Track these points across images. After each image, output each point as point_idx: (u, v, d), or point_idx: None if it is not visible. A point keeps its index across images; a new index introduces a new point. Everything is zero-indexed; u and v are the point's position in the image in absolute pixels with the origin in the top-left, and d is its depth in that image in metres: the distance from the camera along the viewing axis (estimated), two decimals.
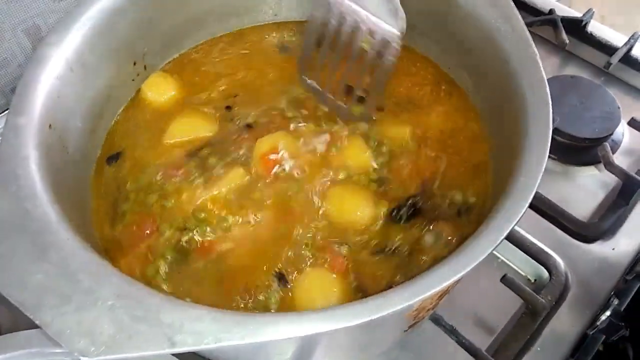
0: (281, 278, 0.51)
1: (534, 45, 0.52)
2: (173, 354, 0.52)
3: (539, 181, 0.43)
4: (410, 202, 0.56)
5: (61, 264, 0.40)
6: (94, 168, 0.59)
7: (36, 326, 0.37)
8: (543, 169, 0.44)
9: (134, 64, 0.65)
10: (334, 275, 0.51)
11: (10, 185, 0.44)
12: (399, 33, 0.57)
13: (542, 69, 0.50)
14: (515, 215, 0.41)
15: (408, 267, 0.52)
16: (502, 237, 0.40)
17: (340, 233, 0.54)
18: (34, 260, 0.40)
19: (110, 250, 0.53)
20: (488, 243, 0.40)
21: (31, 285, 0.38)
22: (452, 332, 0.60)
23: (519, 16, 0.55)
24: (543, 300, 0.62)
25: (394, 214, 0.55)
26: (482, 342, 0.63)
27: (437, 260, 0.46)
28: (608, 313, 0.68)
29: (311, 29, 0.64)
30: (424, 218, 0.55)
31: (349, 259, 0.52)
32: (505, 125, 0.53)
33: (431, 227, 0.54)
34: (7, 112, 0.57)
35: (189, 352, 0.37)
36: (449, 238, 0.53)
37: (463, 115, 0.63)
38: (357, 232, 0.54)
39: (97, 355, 0.35)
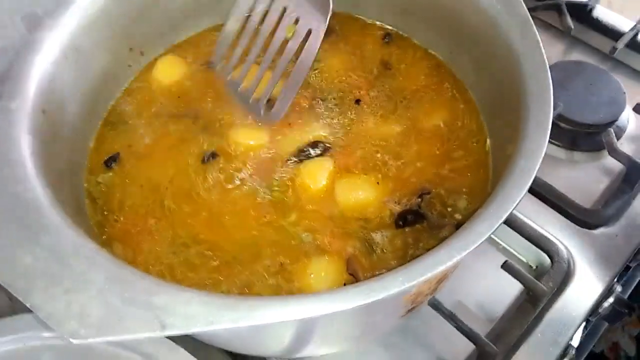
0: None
1: (535, 30, 0.51)
2: (167, 337, 0.52)
3: (538, 165, 0.42)
4: (411, 202, 0.55)
5: (51, 248, 0.39)
6: (88, 154, 0.59)
7: (31, 310, 0.37)
8: (543, 153, 0.43)
9: (130, 49, 0.64)
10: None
11: (1, 169, 0.44)
12: (324, 16, 0.55)
13: (543, 53, 0.49)
14: (513, 199, 0.40)
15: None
16: (500, 222, 0.39)
17: (344, 222, 0.53)
18: (24, 244, 0.39)
19: (107, 236, 0.53)
20: (485, 227, 0.39)
21: (20, 268, 0.38)
22: (451, 317, 0.60)
23: (521, 0, 0.53)
24: (544, 287, 0.61)
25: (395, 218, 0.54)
26: (482, 328, 0.63)
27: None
28: (611, 300, 0.67)
29: (235, 15, 0.63)
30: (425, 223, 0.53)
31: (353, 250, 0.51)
32: (505, 114, 0.52)
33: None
34: None
35: (182, 335, 0.37)
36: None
37: (461, 108, 0.62)
38: (359, 222, 0.53)
39: (86, 337, 0.35)
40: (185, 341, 0.54)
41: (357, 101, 0.63)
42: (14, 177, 0.43)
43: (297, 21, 0.59)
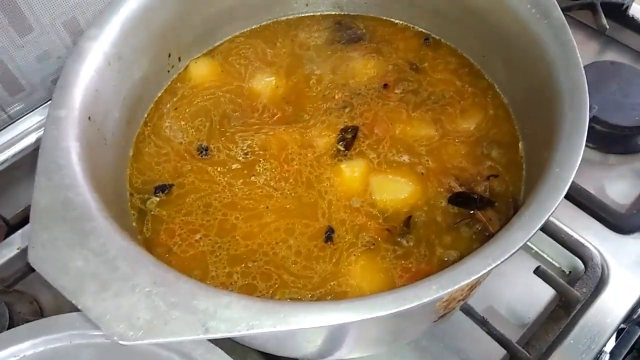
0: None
1: (571, 34, 0.50)
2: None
3: (574, 174, 0.42)
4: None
5: (100, 251, 0.41)
6: (130, 157, 0.61)
7: (77, 309, 0.39)
8: (579, 160, 0.43)
9: (169, 55, 0.66)
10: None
11: (53, 175, 0.46)
12: None
13: (579, 58, 0.49)
14: (547, 209, 0.41)
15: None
16: (535, 231, 0.39)
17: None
18: (75, 247, 0.41)
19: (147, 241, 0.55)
20: (518, 237, 0.39)
21: (72, 271, 0.40)
22: (483, 323, 0.60)
23: (555, 1, 0.53)
24: (577, 293, 0.61)
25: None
26: (514, 333, 0.63)
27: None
28: None
29: None
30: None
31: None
32: (539, 119, 0.52)
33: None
34: (49, 103, 0.59)
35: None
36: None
37: (493, 110, 0.63)
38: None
39: (135, 340, 0.37)
40: (222, 341, 0.56)
41: (386, 98, 0.65)
42: (65, 183, 0.45)
43: None
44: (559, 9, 0.52)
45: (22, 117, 0.75)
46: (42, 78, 0.79)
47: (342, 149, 0.60)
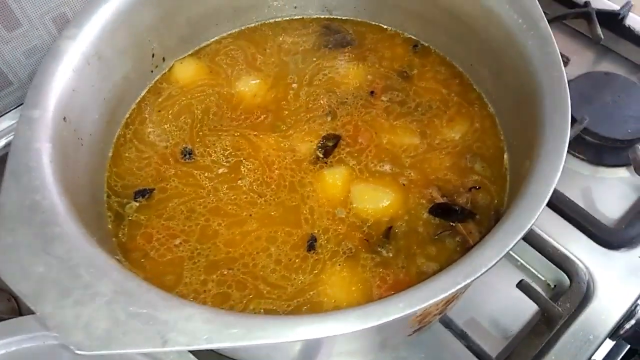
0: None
1: (556, 46, 0.49)
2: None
3: (550, 192, 0.41)
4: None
5: (64, 257, 0.40)
6: (109, 159, 0.60)
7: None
8: (557, 179, 0.42)
9: (153, 55, 0.65)
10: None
11: (21, 177, 0.45)
12: None
13: (563, 70, 0.48)
14: (523, 226, 0.39)
15: None
16: (507, 250, 0.39)
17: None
18: (38, 252, 0.40)
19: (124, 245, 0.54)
20: (491, 255, 0.38)
21: (34, 276, 0.39)
22: (462, 336, 0.59)
23: (542, 13, 0.52)
24: (559, 309, 0.59)
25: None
26: (494, 347, 0.62)
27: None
28: (633, 322, 0.65)
29: None
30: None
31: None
32: (524, 131, 0.51)
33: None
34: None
35: None
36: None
37: (479, 119, 0.62)
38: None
39: (91, 350, 0.36)
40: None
41: (372, 106, 0.64)
42: (33, 185, 0.45)
43: None
44: (546, 20, 0.51)
45: (10, 111, 0.74)
46: (30, 73, 0.78)
47: (321, 155, 0.59)
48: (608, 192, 0.74)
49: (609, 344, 0.66)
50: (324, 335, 0.35)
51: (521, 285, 0.61)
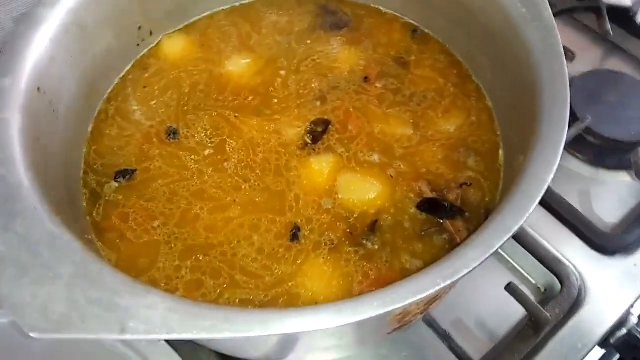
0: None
1: (559, 38, 0.46)
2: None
3: (541, 195, 0.38)
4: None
5: (25, 236, 0.38)
6: (88, 135, 0.58)
7: None
8: (549, 181, 0.39)
9: (139, 28, 0.63)
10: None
11: None
12: None
13: (564, 64, 0.45)
14: (510, 228, 0.37)
15: None
16: (492, 252, 0.36)
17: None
18: None
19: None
20: (475, 256, 0.36)
21: None
22: (445, 337, 0.57)
23: (546, 2, 0.49)
24: (547, 314, 0.57)
25: None
26: (479, 350, 0.60)
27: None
28: (624, 331, 0.63)
29: None
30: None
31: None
32: (521, 125, 0.49)
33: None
34: None
35: None
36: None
37: (476, 111, 0.59)
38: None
39: (46, 333, 0.34)
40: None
41: (366, 92, 0.61)
42: None
43: None
44: (550, 10, 0.48)
45: None
46: None
47: (309, 141, 0.56)
48: (607, 195, 0.72)
49: (598, 352, 0.64)
50: (292, 331, 0.33)
51: (509, 288, 0.59)
